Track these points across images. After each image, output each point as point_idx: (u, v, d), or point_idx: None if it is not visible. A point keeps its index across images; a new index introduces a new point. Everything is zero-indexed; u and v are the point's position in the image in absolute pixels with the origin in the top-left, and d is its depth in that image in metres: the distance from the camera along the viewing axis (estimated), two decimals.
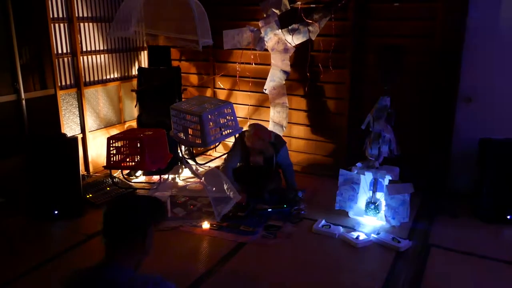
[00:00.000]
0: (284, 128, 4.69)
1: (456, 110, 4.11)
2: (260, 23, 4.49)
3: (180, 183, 4.46)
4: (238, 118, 4.49)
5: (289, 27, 4.41)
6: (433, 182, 4.16)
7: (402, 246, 3.24)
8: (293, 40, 4.42)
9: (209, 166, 4.81)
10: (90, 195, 4.04)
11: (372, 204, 3.68)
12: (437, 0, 3.94)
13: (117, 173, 4.46)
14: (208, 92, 5.31)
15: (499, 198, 3.63)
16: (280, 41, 4.49)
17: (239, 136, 4.16)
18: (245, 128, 4.25)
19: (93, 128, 4.74)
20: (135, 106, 4.95)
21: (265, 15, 4.50)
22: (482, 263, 3.11)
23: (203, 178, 3.98)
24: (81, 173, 3.97)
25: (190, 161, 4.81)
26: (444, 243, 3.35)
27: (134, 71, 5.16)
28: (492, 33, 3.87)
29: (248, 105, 5.08)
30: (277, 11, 4.43)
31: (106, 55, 4.84)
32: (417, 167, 4.12)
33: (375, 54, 4.20)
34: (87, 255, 3.19)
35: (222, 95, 5.24)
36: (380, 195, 3.69)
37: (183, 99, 4.79)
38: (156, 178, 4.51)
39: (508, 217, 3.63)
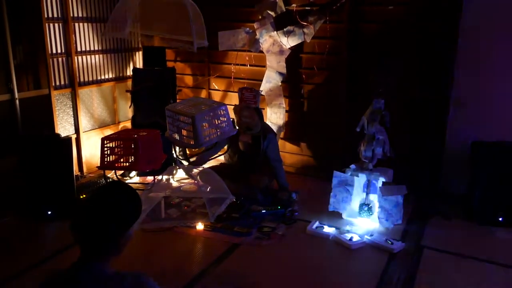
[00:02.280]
0: (282, 129, 4.71)
1: (449, 113, 4.14)
2: (255, 25, 4.50)
3: (174, 184, 4.46)
4: (233, 120, 4.50)
5: (284, 29, 4.43)
6: (426, 184, 4.19)
7: (395, 248, 3.26)
8: (288, 42, 4.44)
9: (203, 167, 4.80)
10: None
11: (366, 206, 3.69)
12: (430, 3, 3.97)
13: (111, 174, 4.45)
14: (203, 93, 5.31)
15: (491, 200, 3.66)
16: (275, 43, 4.51)
17: None
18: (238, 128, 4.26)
19: (87, 128, 4.72)
20: (130, 107, 4.94)
21: (260, 17, 4.51)
22: (475, 265, 3.13)
23: (197, 179, 3.99)
24: (75, 173, 3.96)
25: (184, 162, 4.81)
26: (436, 245, 3.37)
27: (129, 72, 5.15)
28: (485, 36, 3.91)
29: None
30: (272, 13, 4.44)
31: (101, 56, 4.84)
32: (410, 169, 4.15)
33: (369, 56, 4.22)
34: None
35: (217, 96, 5.24)
36: (373, 197, 3.70)
37: (177, 100, 4.79)
38: (150, 179, 4.50)
39: (500, 219, 3.67)
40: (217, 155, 4.37)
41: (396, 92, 4.08)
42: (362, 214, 3.70)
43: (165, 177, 4.22)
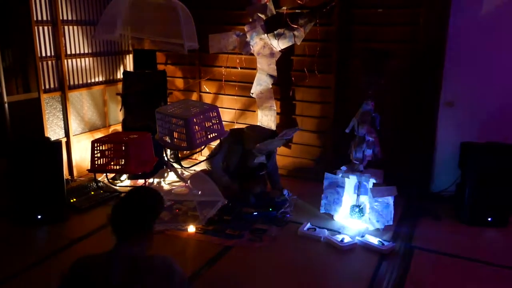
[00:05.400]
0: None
1: (438, 114, 4.18)
2: (246, 28, 4.51)
3: (166, 187, 4.45)
4: (224, 122, 4.49)
5: (275, 32, 4.44)
6: (416, 185, 4.21)
7: (386, 249, 3.28)
8: (279, 44, 4.46)
9: (195, 170, 4.79)
10: (74, 200, 4.00)
11: (357, 207, 3.71)
12: (420, 6, 4.01)
13: (101, 177, 4.42)
14: (194, 96, 5.31)
15: (481, 201, 3.70)
16: (266, 46, 4.52)
17: (236, 138, 4.16)
18: (231, 129, 4.26)
19: (77, 132, 4.69)
20: (120, 110, 4.92)
21: (251, 20, 4.53)
22: (464, 265, 3.16)
23: (188, 182, 3.98)
24: (65, 177, 3.93)
25: (176, 165, 4.80)
26: (427, 245, 3.40)
27: (119, 75, 5.13)
28: (474, 38, 3.96)
29: (234, 109, 5.09)
30: (262, 16, 4.46)
31: (91, 59, 4.81)
32: (400, 170, 4.18)
33: (359, 58, 4.25)
34: (72, 260, 3.15)
35: (208, 99, 5.24)
36: (364, 198, 3.72)
37: (168, 103, 4.78)
38: (141, 182, 4.48)
39: (489, 219, 3.70)
40: (204, 159, 4.36)
41: (386, 93, 4.11)
42: (353, 216, 3.72)
43: (156, 180, 4.21)
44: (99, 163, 4.05)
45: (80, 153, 4.71)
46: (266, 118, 4.72)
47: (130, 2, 4.05)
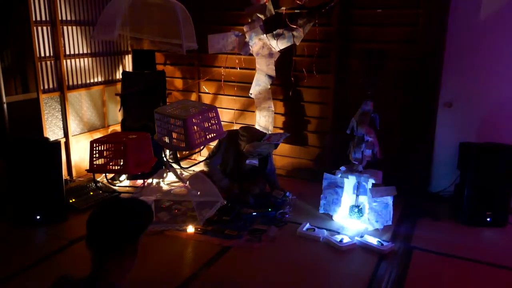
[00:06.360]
0: (271, 132, 4.72)
1: (437, 115, 4.19)
2: (245, 28, 4.51)
3: (165, 187, 4.45)
4: (223, 123, 4.50)
5: (274, 32, 4.45)
6: (415, 185, 4.22)
7: (385, 249, 3.28)
8: (278, 45, 4.46)
9: (194, 170, 4.79)
10: (73, 200, 4.00)
11: (356, 207, 3.71)
12: (419, 6, 4.02)
13: (100, 178, 4.42)
14: (193, 96, 5.31)
15: (479, 201, 3.70)
16: (265, 46, 4.53)
17: (231, 139, 4.16)
18: (228, 130, 4.26)
19: (76, 132, 4.69)
20: (119, 110, 4.92)
21: (250, 20, 4.53)
22: (463, 265, 3.16)
23: (187, 182, 3.98)
24: (64, 177, 3.92)
25: (175, 165, 4.80)
26: (426, 246, 3.40)
27: (118, 75, 5.13)
28: (472, 38, 3.96)
29: (233, 109, 5.09)
30: (261, 16, 4.46)
31: (90, 59, 4.81)
32: (399, 170, 4.18)
33: (358, 59, 4.25)
34: (70, 260, 3.15)
35: (207, 99, 5.24)
36: (363, 199, 3.72)
37: (167, 103, 4.78)
38: (140, 182, 4.48)
39: (488, 219, 3.71)
40: (203, 159, 4.37)
41: (385, 94, 4.12)
42: (352, 216, 3.72)
43: (155, 180, 4.21)
44: (98, 163, 4.05)
45: (79, 154, 4.71)
46: (264, 119, 4.72)
47: (129, 2, 4.05)
